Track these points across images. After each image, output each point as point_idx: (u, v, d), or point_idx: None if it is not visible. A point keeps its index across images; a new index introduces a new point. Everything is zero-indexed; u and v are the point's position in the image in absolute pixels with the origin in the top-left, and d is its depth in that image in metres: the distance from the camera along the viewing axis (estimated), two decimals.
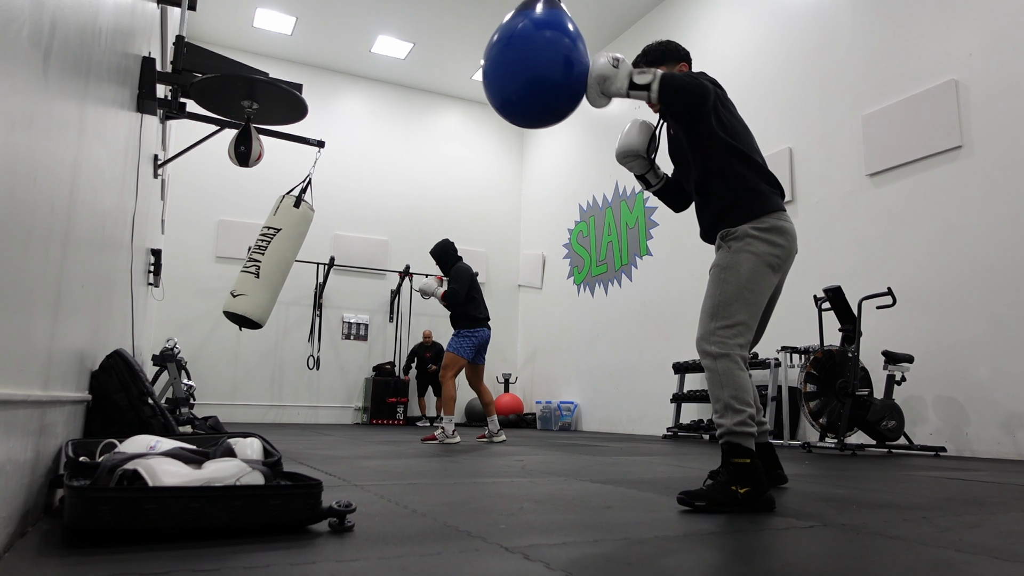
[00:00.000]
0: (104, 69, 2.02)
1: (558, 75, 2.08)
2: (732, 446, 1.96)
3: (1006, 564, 1.26)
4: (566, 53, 2.08)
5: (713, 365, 2.03)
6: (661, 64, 2.34)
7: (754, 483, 1.89)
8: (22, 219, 1.13)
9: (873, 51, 5.58)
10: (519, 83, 2.12)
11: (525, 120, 2.31)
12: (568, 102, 2.15)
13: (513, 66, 2.12)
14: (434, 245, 5.54)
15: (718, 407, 2.01)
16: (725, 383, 2.01)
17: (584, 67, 2.12)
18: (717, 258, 2.17)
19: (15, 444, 1.21)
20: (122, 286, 3.07)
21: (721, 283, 2.12)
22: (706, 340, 2.07)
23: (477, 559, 1.22)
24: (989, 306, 4.56)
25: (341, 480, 2.41)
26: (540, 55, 2.09)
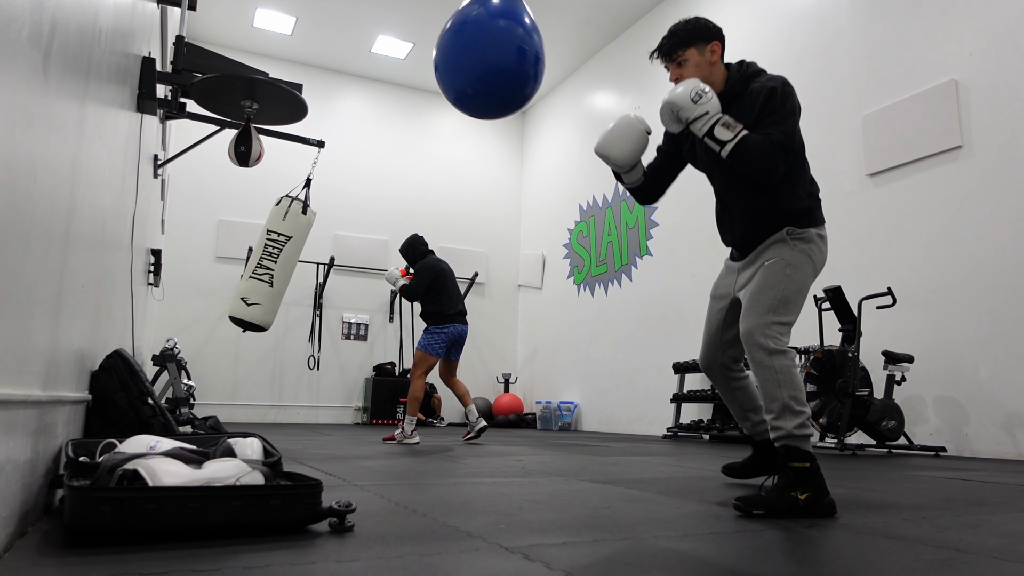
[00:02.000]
0: (104, 69, 2.02)
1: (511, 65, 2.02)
2: (791, 450, 1.88)
3: (1006, 564, 1.26)
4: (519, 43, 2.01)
5: (770, 361, 1.94)
6: (691, 45, 2.17)
7: (815, 488, 1.82)
8: (22, 219, 1.13)
9: (873, 51, 5.58)
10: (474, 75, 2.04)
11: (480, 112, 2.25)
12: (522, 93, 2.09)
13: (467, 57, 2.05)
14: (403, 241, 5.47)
15: (774, 407, 1.91)
16: (783, 382, 1.91)
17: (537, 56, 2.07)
18: (779, 252, 2.05)
19: (15, 444, 1.21)
20: (122, 286, 3.07)
21: (786, 278, 2.02)
22: (761, 333, 1.96)
23: (477, 559, 1.22)
24: (989, 306, 4.56)
25: (341, 480, 2.41)
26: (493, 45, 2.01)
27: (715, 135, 1.94)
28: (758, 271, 2.09)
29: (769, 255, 2.08)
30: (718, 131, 1.93)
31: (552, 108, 10.52)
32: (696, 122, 1.96)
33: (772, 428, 1.93)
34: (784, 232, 2.07)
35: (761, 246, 2.12)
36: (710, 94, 1.96)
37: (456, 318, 5.16)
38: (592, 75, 9.39)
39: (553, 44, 8.51)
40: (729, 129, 1.94)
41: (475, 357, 10.37)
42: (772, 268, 2.05)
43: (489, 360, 10.47)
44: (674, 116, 2.01)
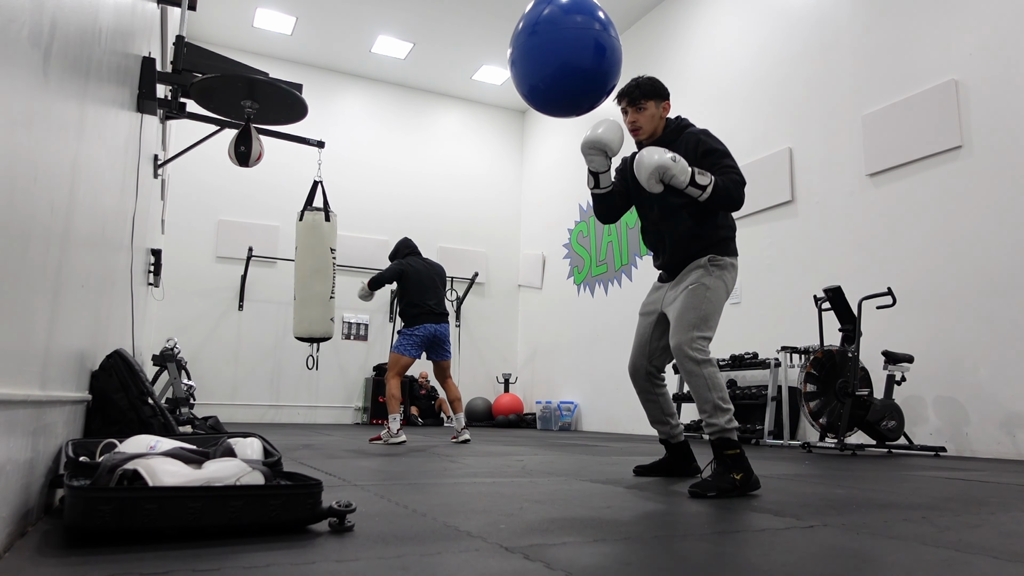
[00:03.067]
0: (104, 69, 2.02)
1: (587, 62, 2.02)
2: (724, 440, 2.29)
3: (1006, 564, 1.26)
4: (596, 38, 2.00)
5: (699, 370, 2.32)
6: (652, 99, 2.54)
7: (746, 469, 2.24)
8: (22, 219, 1.13)
9: (873, 51, 5.58)
10: (548, 70, 2.04)
11: (552, 107, 2.29)
12: (598, 89, 2.11)
13: (540, 51, 2.05)
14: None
15: (707, 407, 2.31)
16: (712, 386, 2.31)
17: (615, 52, 2.08)
18: (699, 278, 2.44)
19: (15, 444, 1.21)
20: (122, 286, 3.07)
21: (706, 300, 2.40)
22: (688, 347, 2.34)
23: (477, 559, 1.22)
24: (989, 306, 4.56)
25: (341, 480, 2.41)
26: (569, 40, 2.02)
27: (697, 182, 2.29)
28: (682, 293, 2.45)
29: (692, 279, 2.45)
30: (698, 178, 2.29)
31: None
32: (678, 176, 2.28)
33: (707, 424, 2.33)
34: (707, 259, 2.45)
35: (686, 269, 2.50)
36: (677, 156, 2.31)
37: (426, 317, 5.13)
38: None
39: None
40: (704, 176, 2.31)
41: (475, 357, 10.37)
42: (695, 291, 2.41)
43: (489, 360, 10.47)
44: (659, 176, 2.28)
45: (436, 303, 5.24)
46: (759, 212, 6.51)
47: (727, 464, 2.24)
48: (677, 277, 2.53)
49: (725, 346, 6.64)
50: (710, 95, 7.36)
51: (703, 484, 2.17)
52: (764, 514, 1.80)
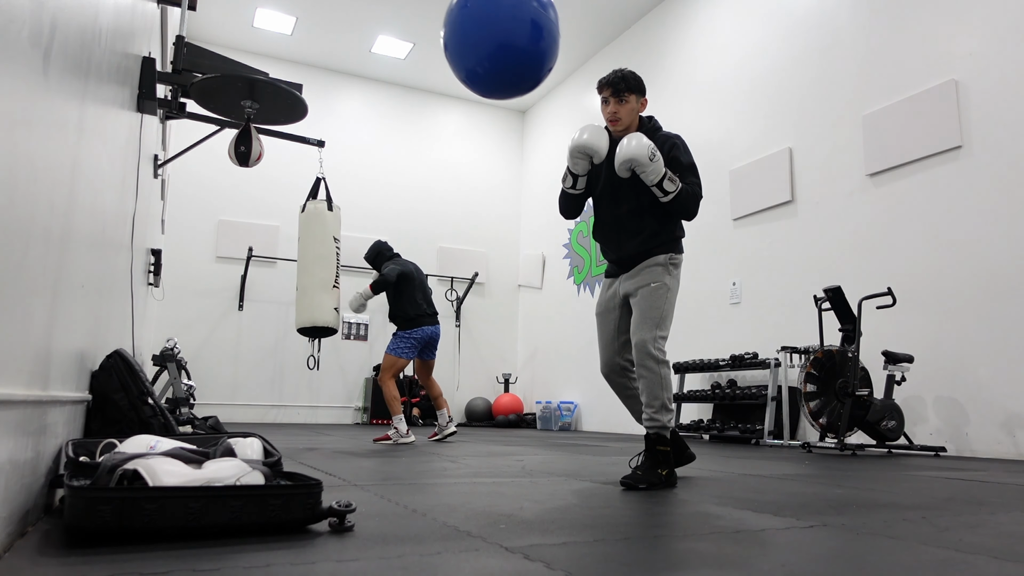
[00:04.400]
0: (104, 69, 2.02)
1: (524, 41, 1.98)
2: (661, 437, 2.49)
3: (1006, 564, 1.26)
4: (532, 16, 1.97)
5: (657, 368, 2.47)
6: (635, 92, 2.64)
7: (671, 466, 2.47)
8: (22, 219, 1.13)
9: (873, 51, 5.58)
10: (483, 53, 1.99)
11: (492, 92, 2.28)
12: (535, 70, 2.08)
13: (476, 34, 1.99)
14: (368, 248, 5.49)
15: (656, 404, 2.48)
16: (665, 386, 2.49)
17: (553, 31, 2.06)
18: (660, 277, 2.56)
19: (15, 444, 1.21)
20: (122, 286, 3.07)
21: (662, 299, 2.53)
22: (651, 345, 2.48)
23: (477, 559, 1.22)
24: (989, 306, 4.56)
25: (341, 480, 2.41)
26: (505, 20, 1.98)
27: (663, 186, 2.43)
28: (642, 289, 2.56)
29: (653, 276, 2.56)
30: (666, 184, 2.43)
31: (552, 108, 10.53)
32: (649, 175, 2.40)
33: (650, 418, 2.49)
34: (666, 257, 2.59)
35: (645, 263, 2.59)
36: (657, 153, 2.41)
37: (424, 320, 5.18)
38: (592, 76, 9.39)
39: None
40: (673, 183, 2.45)
41: (475, 357, 10.37)
42: (657, 291, 2.54)
43: (489, 360, 10.47)
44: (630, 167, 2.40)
45: (429, 304, 5.28)
46: (759, 212, 6.51)
47: (657, 459, 2.45)
48: (634, 270, 2.62)
49: (725, 346, 6.64)
50: (710, 95, 7.36)
51: (634, 477, 2.36)
52: (764, 514, 1.80)
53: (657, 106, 8.14)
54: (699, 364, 6.60)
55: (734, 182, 6.83)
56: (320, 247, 4.42)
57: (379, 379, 5.13)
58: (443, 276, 10.27)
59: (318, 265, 4.39)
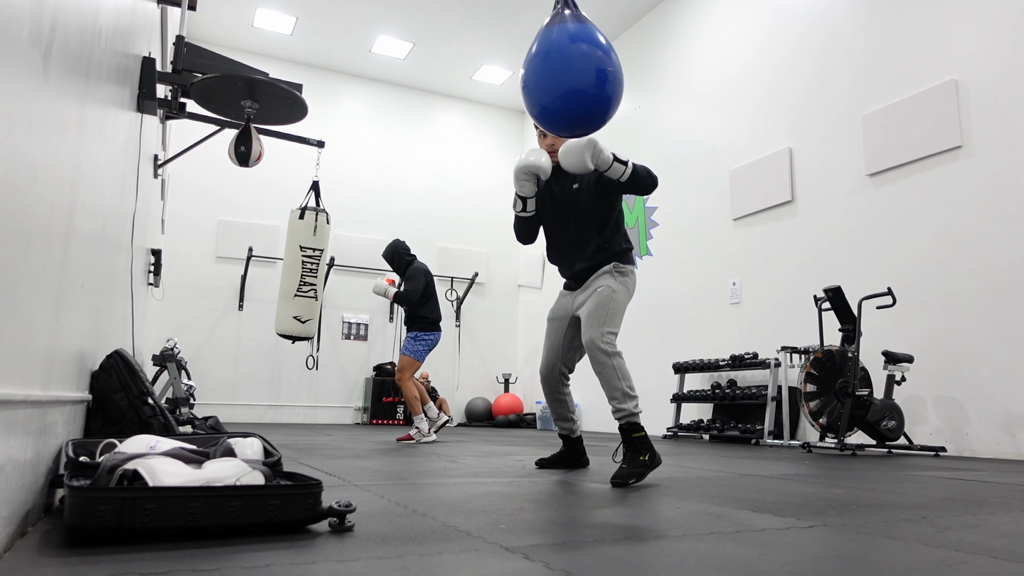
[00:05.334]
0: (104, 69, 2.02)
1: (590, 86, 2.23)
2: (632, 425, 2.57)
3: (1006, 564, 1.26)
4: (598, 65, 2.23)
5: (609, 361, 2.60)
6: None
7: (650, 449, 2.53)
8: (22, 219, 1.13)
9: (873, 51, 5.58)
10: (557, 94, 2.25)
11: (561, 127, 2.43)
12: (601, 111, 2.29)
13: (551, 77, 2.26)
14: (386, 248, 5.46)
15: (617, 395, 2.58)
16: (621, 375, 2.59)
17: (617, 77, 2.27)
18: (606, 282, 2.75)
19: (15, 444, 1.21)
20: (122, 286, 3.07)
21: (611, 300, 2.71)
22: (600, 340, 2.62)
23: (477, 559, 1.22)
24: (989, 306, 4.56)
25: (341, 480, 2.41)
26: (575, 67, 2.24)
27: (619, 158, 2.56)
28: (590, 296, 2.75)
29: (599, 283, 2.76)
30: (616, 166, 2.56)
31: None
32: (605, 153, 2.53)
33: (617, 410, 2.59)
34: (612, 266, 2.79)
35: (593, 276, 2.80)
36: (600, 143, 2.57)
37: (438, 325, 5.27)
38: None
39: None
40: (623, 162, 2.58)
41: (475, 357, 10.37)
42: (602, 293, 2.72)
43: (489, 360, 10.47)
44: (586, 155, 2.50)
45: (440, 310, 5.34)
46: (759, 212, 6.51)
47: (636, 447, 2.52)
48: (585, 283, 2.83)
49: (725, 346, 6.64)
50: (710, 95, 7.36)
51: (622, 473, 2.41)
52: (764, 514, 1.80)
53: (657, 106, 8.15)
54: (699, 364, 6.60)
55: (734, 182, 6.83)
56: (288, 255, 4.53)
57: (398, 379, 5.14)
58: (443, 276, 10.27)
59: (285, 274, 4.52)
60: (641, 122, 8.35)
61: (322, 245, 4.53)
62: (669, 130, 7.93)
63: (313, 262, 4.49)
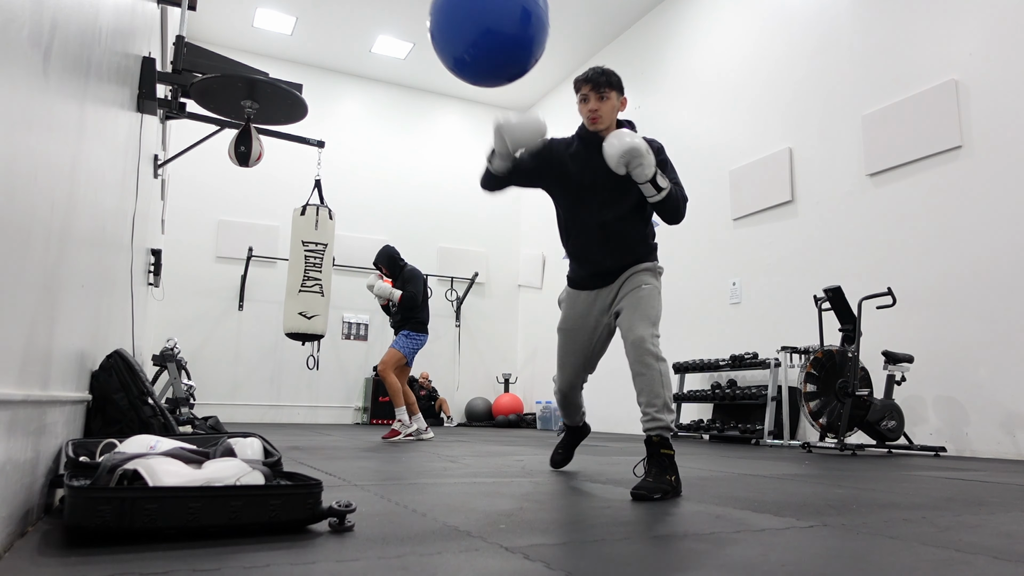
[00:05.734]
0: (104, 69, 2.02)
1: (514, 28, 1.95)
2: (664, 440, 2.28)
3: (1006, 564, 1.26)
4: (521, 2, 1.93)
5: (657, 366, 2.30)
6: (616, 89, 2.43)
7: (677, 471, 2.25)
8: (22, 219, 1.13)
9: (873, 51, 5.58)
10: (470, 39, 1.95)
11: (480, 79, 2.18)
12: (524, 58, 2.02)
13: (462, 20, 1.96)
14: (378, 252, 5.50)
15: (658, 403, 2.27)
16: (666, 384, 2.30)
17: (542, 17, 2.00)
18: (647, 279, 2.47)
19: (15, 444, 1.21)
20: (122, 286, 3.07)
21: (656, 300, 2.44)
22: (650, 342, 2.32)
23: (477, 559, 1.22)
24: (989, 306, 4.56)
25: (341, 480, 2.41)
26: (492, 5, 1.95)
27: (657, 182, 2.27)
28: (634, 291, 2.44)
29: (644, 280, 2.46)
30: (659, 179, 2.28)
31: (552, 108, 10.52)
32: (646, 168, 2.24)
33: (652, 419, 2.28)
34: (653, 265, 2.51)
35: (629, 271, 2.48)
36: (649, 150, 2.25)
37: (427, 328, 5.38)
38: None
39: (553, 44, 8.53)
40: (665, 179, 2.30)
41: (475, 357, 10.37)
42: (651, 292, 2.44)
43: (489, 360, 10.47)
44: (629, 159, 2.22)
45: None
46: (759, 212, 6.51)
47: (663, 465, 2.23)
48: (618, 280, 2.49)
49: (725, 346, 6.64)
50: (710, 95, 7.36)
51: (646, 486, 2.13)
52: (764, 514, 1.80)
53: (657, 106, 8.15)
54: (699, 364, 6.60)
55: (734, 182, 6.83)
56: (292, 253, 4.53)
57: (381, 371, 5.18)
58: (443, 276, 10.28)
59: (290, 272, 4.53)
60: (641, 122, 8.32)
61: (325, 239, 4.51)
62: (669, 130, 7.93)
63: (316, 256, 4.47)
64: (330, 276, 4.57)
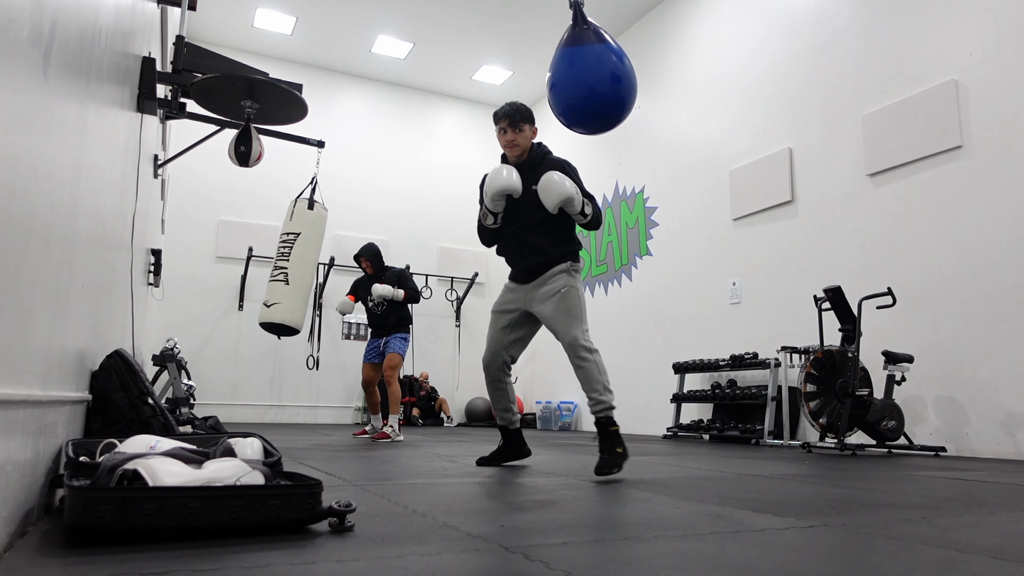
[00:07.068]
0: (104, 69, 2.02)
1: (606, 87, 2.62)
2: (610, 418, 2.74)
3: (1006, 564, 1.26)
4: (612, 70, 2.63)
5: (592, 357, 2.78)
6: (528, 122, 3.02)
7: (622, 443, 2.71)
8: (22, 219, 1.13)
9: (873, 51, 5.58)
10: (579, 94, 2.65)
11: (585, 124, 2.79)
12: (617, 109, 2.65)
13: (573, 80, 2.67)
14: (366, 248, 5.61)
15: (598, 387, 2.74)
16: (602, 371, 2.78)
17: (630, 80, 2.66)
18: (566, 280, 2.91)
19: (15, 444, 1.21)
20: (122, 286, 3.07)
21: (580, 300, 2.91)
22: (582, 339, 2.80)
23: (477, 559, 1.22)
24: (989, 306, 4.56)
25: (341, 480, 2.41)
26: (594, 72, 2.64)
27: (584, 211, 2.86)
28: (555, 296, 2.89)
29: (561, 282, 2.90)
30: (585, 208, 2.86)
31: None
32: (575, 206, 2.81)
33: (596, 402, 2.75)
34: (568, 264, 2.95)
35: (551, 271, 2.94)
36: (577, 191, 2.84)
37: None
38: None
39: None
40: (589, 207, 2.88)
41: (475, 357, 10.35)
42: (569, 294, 2.89)
43: None
44: (560, 204, 2.77)
45: None
46: (759, 212, 6.51)
47: (612, 440, 2.70)
48: (539, 279, 2.95)
49: (725, 346, 6.64)
50: (710, 95, 7.36)
51: (604, 465, 2.60)
52: (764, 514, 1.80)
53: (657, 106, 8.15)
54: (699, 364, 6.60)
55: (734, 182, 6.83)
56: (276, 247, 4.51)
57: (389, 378, 5.27)
58: (443, 276, 10.28)
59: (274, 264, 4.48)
60: (641, 122, 8.35)
61: (298, 228, 4.40)
62: (669, 130, 7.93)
63: (286, 246, 4.36)
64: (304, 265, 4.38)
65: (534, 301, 2.96)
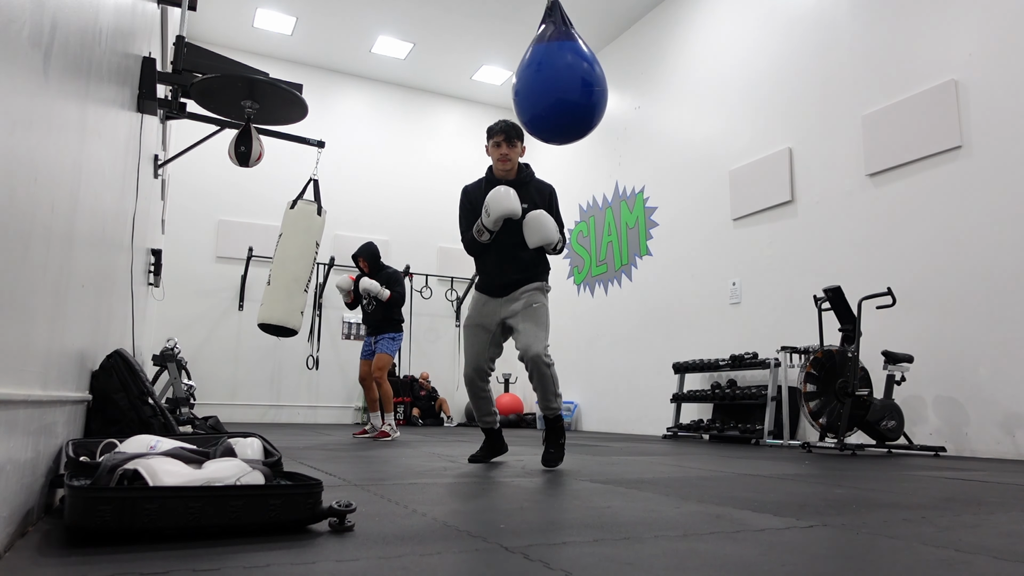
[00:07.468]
0: (104, 69, 2.02)
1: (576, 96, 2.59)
2: (558, 417, 3.21)
3: (1006, 564, 1.26)
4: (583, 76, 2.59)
5: (549, 371, 3.10)
6: (521, 139, 3.29)
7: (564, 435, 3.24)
8: (22, 219, 1.13)
9: (873, 51, 5.58)
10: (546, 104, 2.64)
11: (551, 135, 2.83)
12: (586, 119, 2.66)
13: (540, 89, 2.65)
14: (364, 247, 5.68)
15: (551, 396, 3.13)
16: (555, 381, 3.14)
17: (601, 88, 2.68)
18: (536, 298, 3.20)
19: (15, 444, 1.21)
20: (122, 286, 3.07)
21: (546, 316, 3.20)
22: (544, 354, 3.09)
23: (477, 559, 1.22)
24: (989, 306, 4.56)
25: (341, 480, 2.41)
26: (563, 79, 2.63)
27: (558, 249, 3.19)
28: (527, 309, 3.16)
29: (533, 299, 3.18)
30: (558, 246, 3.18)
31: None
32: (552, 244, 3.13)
33: (547, 407, 3.17)
34: (540, 283, 3.24)
35: (523, 288, 3.20)
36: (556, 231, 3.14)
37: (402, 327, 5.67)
38: None
39: None
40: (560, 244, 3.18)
41: None
42: (539, 311, 3.17)
43: None
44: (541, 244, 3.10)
45: None
46: (759, 212, 6.51)
47: (557, 433, 3.19)
48: (513, 294, 3.19)
49: (725, 346, 6.64)
50: (710, 95, 7.36)
51: (550, 458, 3.11)
52: (764, 514, 1.80)
53: (657, 106, 8.15)
54: (699, 364, 6.60)
55: (734, 182, 6.83)
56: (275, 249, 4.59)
57: (379, 378, 5.45)
58: (443, 276, 10.28)
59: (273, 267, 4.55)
60: (641, 122, 8.35)
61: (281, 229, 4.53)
62: (669, 130, 7.93)
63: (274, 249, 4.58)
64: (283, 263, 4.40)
65: (507, 311, 3.19)
